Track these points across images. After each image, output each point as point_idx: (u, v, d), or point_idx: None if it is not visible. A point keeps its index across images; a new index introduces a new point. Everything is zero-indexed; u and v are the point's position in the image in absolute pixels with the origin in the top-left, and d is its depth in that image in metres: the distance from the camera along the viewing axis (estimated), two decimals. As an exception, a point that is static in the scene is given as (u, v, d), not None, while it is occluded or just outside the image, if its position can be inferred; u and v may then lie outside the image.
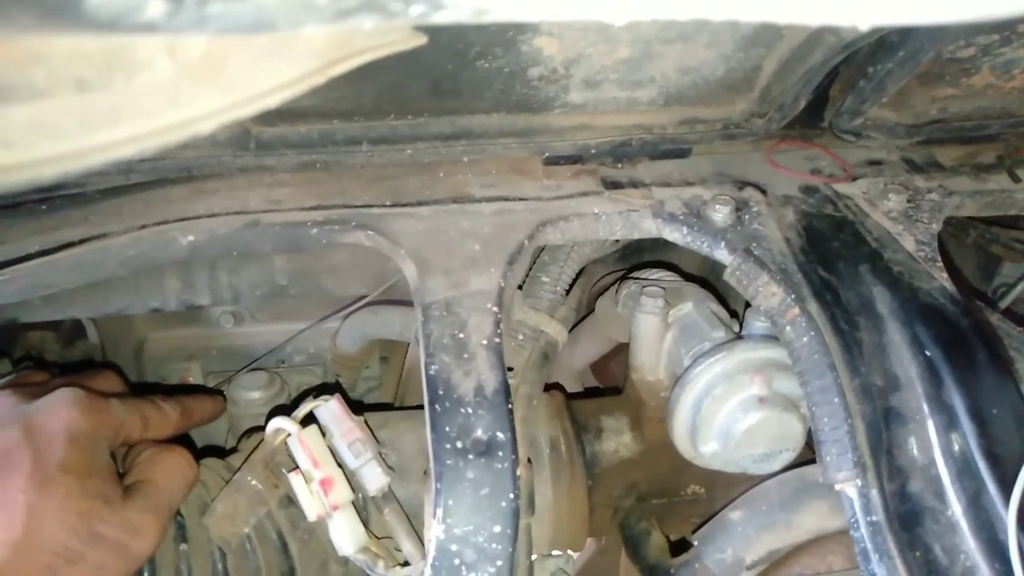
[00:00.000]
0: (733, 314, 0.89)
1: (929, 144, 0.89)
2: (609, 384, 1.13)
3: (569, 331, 0.90)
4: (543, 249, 0.84)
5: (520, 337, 0.78)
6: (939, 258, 0.75)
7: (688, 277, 0.94)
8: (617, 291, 0.92)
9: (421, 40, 0.35)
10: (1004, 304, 1.19)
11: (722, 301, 0.89)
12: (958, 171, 0.87)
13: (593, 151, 0.80)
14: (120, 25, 0.15)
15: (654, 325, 0.83)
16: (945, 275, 0.72)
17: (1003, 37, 0.75)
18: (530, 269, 0.85)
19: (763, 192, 0.81)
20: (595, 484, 0.82)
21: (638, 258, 1.07)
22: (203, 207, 0.74)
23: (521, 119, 0.76)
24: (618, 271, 1.03)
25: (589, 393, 1.06)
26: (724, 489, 0.82)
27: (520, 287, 0.83)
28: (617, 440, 0.84)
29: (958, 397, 0.64)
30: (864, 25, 0.21)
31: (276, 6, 0.18)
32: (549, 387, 0.89)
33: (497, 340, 0.65)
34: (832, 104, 0.79)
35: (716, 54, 0.70)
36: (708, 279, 0.97)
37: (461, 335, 0.65)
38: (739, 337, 0.80)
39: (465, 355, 0.64)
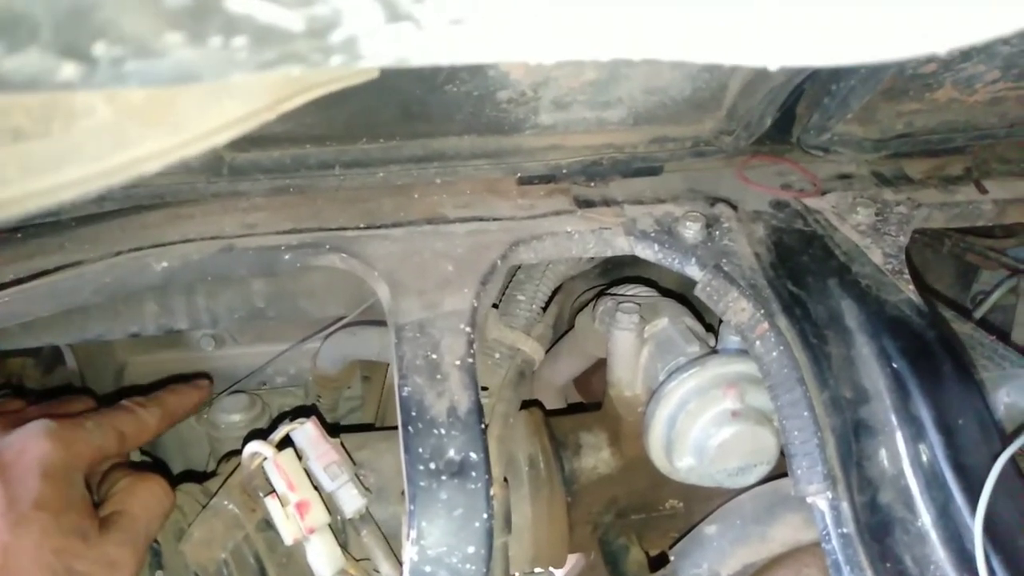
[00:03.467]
0: (709, 328, 0.90)
1: (898, 157, 0.91)
2: (592, 399, 1.14)
3: (549, 347, 0.91)
4: (519, 267, 0.85)
5: (496, 356, 0.79)
6: (906, 271, 0.76)
7: (667, 292, 0.95)
8: (594, 307, 0.93)
9: (372, 74, 0.36)
10: (980, 313, 1.21)
11: (701, 316, 0.90)
12: (926, 184, 0.89)
13: (565, 170, 0.81)
14: (38, 86, 0.16)
15: (630, 341, 0.84)
16: (912, 287, 0.73)
17: (963, 53, 0.77)
18: (506, 287, 0.86)
19: (734, 208, 0.82)
20: (574, 500, 0.82)
21: (618, 273, 1.08)
22: (178, 233, 0.74)
23: (493, 140, 0.77)
24: (598, 286, 1.04)
25: (571, 409, 1.07)
26: (702, 503, 0.82)
27: (496, 305, 0.84)
28: (596, 456, 0.85)
29: (925, 408, 0.64)
30: (773, 66, 0.22)
31: (196, 60, 0.18)
32: (528, 404, 0.90)
33: (470, 360, 0.66)
34: (799, 121, 0.81)
35: (682, 75, 0.71)
36: (687, 295, 0.98)
37: (434, 356, 0.65)
38: (714, 351, 0.81)
39: (438, 376, 0.65)
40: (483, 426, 0.63)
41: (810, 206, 0.84)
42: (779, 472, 0.76)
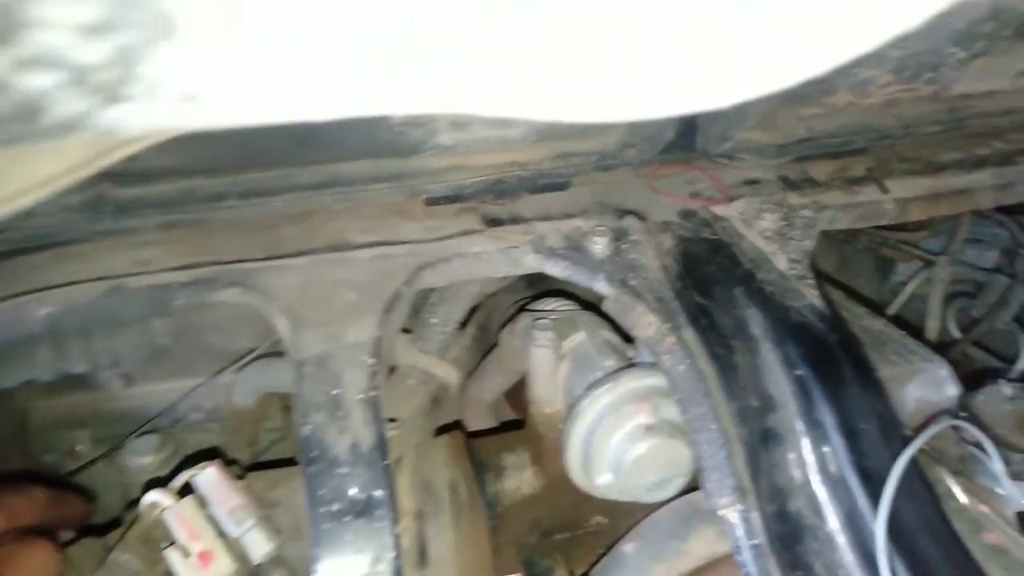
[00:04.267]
0: (630, 340, 0.90)
1: (802, 161, 0.92)
2: (524, 415, 1.13)
3: (475, 366, 0.90)
4: (433, 290, 0.84)
5: (410, 382, 0.77)
6: (811, 275, 0.77)
7: (590, 303, 0.95)
8: (513, 324, 0.92)
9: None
10: (895, 307, 1.24)
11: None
12: (831, 186, 0.90)
13: (471, 190, 0.79)
14: None
15: (547, 358, 0.83)
16: (815, 292, 0.74)
17: (855, 59, 0.78)
18: (422, 310, 0.84)
19: (643, 219, 0.82)
20: (498, 524, 0.81)
21: (545, 285, 1.07)
22: (63, 274, 0.71)
23: (393, 163, 0.76)
24: (522, 300, 1.03)
25: (500, 428, 1.06)
26: (627, 518, 0.82)
27: (410, 330, 0.82)
28: (519, 477, 0.84)
29: (828, 414, 0.65)
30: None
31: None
32: (451, 426, 0.88)
33: (374, 393, 0.64)
34: (701, 131, 0.81)
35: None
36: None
37: (335, 392, 0.63)
38: (631, 365, 0.81)
39: (340, 413, 0.63)
40: (386, 462, 0.62)
41: (718, 214, 0.84)
42: (696, 484, 0.76)
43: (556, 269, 0.77)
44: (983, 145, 0.97)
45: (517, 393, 1.13)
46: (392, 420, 0.71)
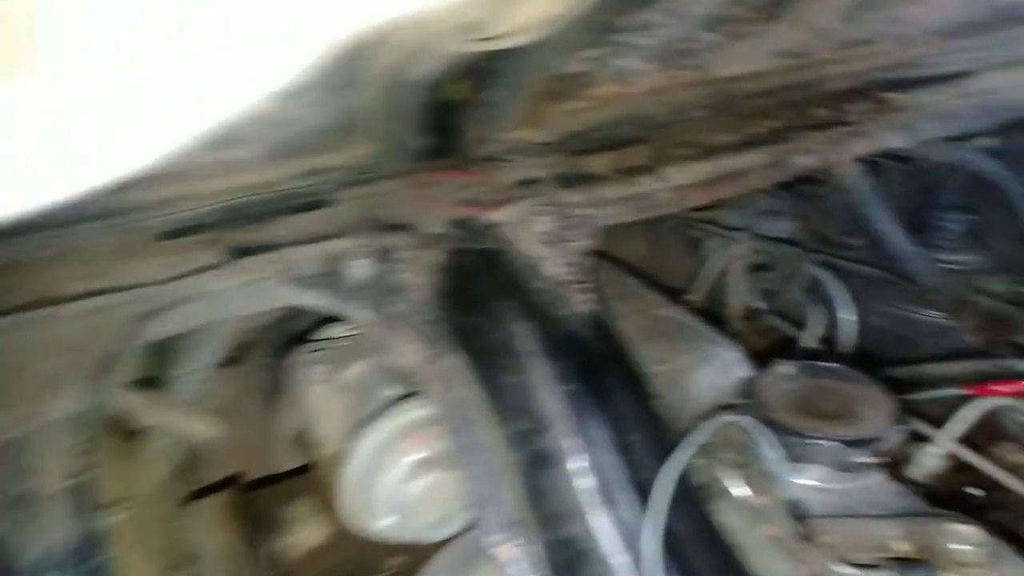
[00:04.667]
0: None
1: (581, 155, 0.89)
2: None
3: (266, 403, 0.81)
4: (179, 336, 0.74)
5: (154, 447, 0.68)
6: (585, 278, 0.74)
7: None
8: (289, 357, 0.84)
9: None
10: (698, 288, 1.26)
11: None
12: (609, 179, 0.88)
13: (210, 219, 0.70)
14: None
15: (324, 393, 0.76)
16: (586, 296, 0.71)
17: (607, 50, 0.75)
18: (167, 357, 0.74)
19: (412, 234, 0.76)
20: (283, 584, 0.74)
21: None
22: None
23: (109, 197, 0.65)
24: (303, 328, 0.94)
25: (288, 473, 0.97)
26: (425, 554, 0.76)
27: (157, 383, 0.73)
28: (303, 529, 0.76)
29: (596, 429, 0.62)
30: None
31: None
32: (228, 480, 0.79)
33: (81, 480, 0.54)
34: (462, 133, 0.76)
35: (303, 103, 0.63)
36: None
37: (24, 486, 0.53)
38: (413, 392, 0.75)
39: (34, 510, 0.53)
40: (102, 559, 0.52)
41: (491, 221, 0.79)
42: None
43: (312, 300, 0.70)
44: (756, 125, 0.98)
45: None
46: (124, 500, 0.62)
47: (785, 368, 0.81)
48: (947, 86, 1.09)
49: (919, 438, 0.98)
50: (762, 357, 1.00)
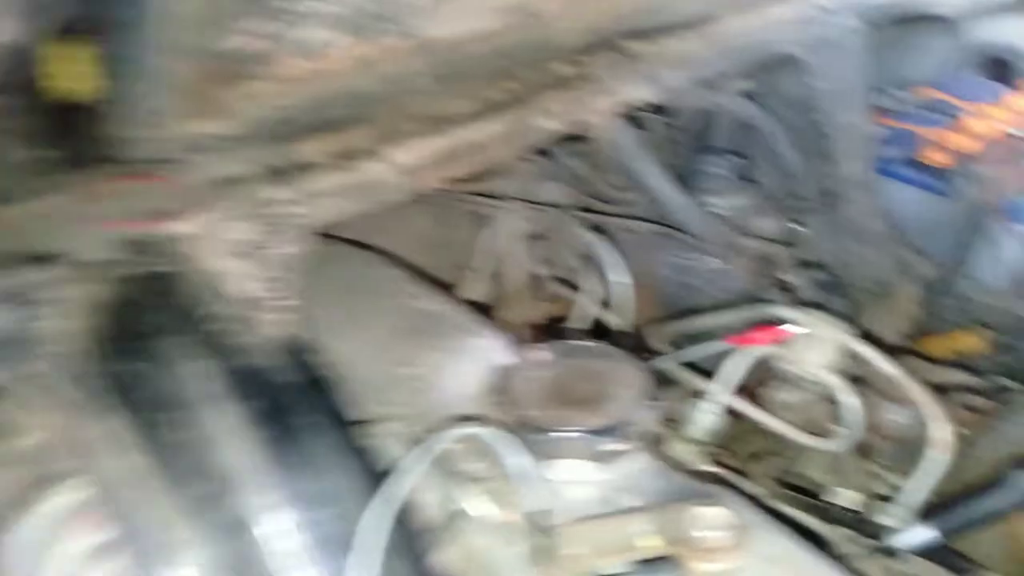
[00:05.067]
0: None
1: (288, 143, 0.77)
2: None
3: None
4: None
5: None
6: (289, 291, 0.63)
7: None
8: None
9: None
10: (488, 268, 1.18)
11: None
12: (325, 166, 0.77)
13: None
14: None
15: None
16: (282, 317, 0.61)
17: (277, 21, 0.64)
18: None
19: (62, 265, 0.62)
20: None
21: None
22: None
23: None
24: None
25: None
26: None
27: None
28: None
29: (297, 479, 0.52)
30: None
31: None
32: None
33: None
34: (92, 137, 0.62)
35: None
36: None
37: None
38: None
39: None
40: None
41: (176, 234, 0.66)
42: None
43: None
44: (492, 90, 0.91)
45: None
46: None
47: (538, 354, 0.75)
48: (690, 32, 1.07)
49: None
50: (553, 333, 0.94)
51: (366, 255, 0.95)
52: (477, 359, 0.79)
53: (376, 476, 0.54)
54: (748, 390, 0.96)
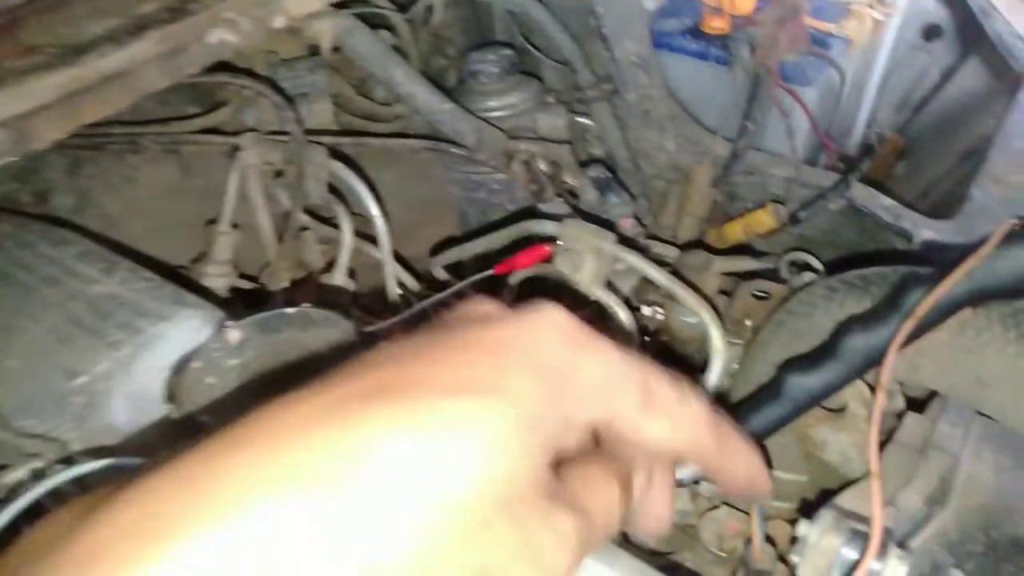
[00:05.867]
0: None
1: None
2: None
3: None
4: None
5: None
6: None
7: None
8: None
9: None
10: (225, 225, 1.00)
11: None
12: None
13: None
14: None
15: None
16: None
17: None
18: None
19: None
20: None
21: None
22: None
23: None
24: None
25: None
26: None
27: None
28: None
29: None
30: None
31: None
32: None
33: None
34: None
35: None
36: None
37: None
38: None
39: None
40: None
41: None
42: None
43: None
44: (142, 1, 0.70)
45: None
46: None
47: (229, 334, 0.59)
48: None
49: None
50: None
51: (25, 234, 0.75)
52: (162, 352, 0.62)
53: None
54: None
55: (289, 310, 0.60)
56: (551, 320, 0.30)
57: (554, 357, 0.29)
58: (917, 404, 0.70)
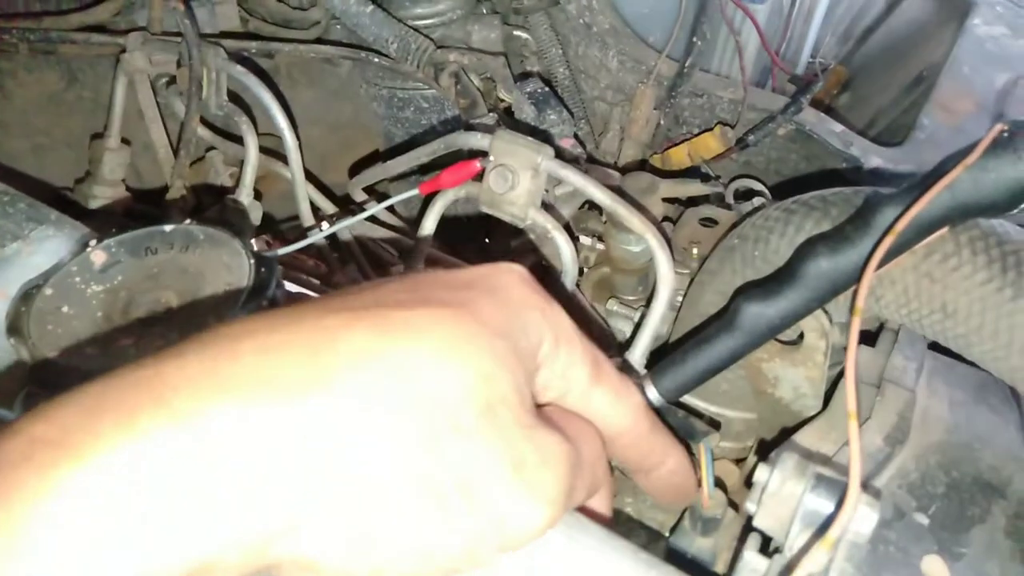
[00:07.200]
0: None
1: None
2: None
3: None
4: None
5: None
6: None
7: None
8: None
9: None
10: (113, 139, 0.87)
11: None
12: None
13: None
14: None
15: None
16: None
17: None
18: None
19: None
20: None
21: None
22: None
23: None
24: None
25: None
26: None
27: None
28: None
29: None
30: None
31: None
32: None
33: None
34: None
35: None
36: None
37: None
38: None
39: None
40: None
41: None
42: None
43: None
44: None
45: None
46: None
47: (91, 255, 0.49)
48: None
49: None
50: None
51: None
52: (11, 276, 0.52)
53: None
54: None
55: (166, 227, 0.50)
56: (517, 271, 0.33)
57: (519, 296, 0.31)
58: (867, 337, 0.66)
